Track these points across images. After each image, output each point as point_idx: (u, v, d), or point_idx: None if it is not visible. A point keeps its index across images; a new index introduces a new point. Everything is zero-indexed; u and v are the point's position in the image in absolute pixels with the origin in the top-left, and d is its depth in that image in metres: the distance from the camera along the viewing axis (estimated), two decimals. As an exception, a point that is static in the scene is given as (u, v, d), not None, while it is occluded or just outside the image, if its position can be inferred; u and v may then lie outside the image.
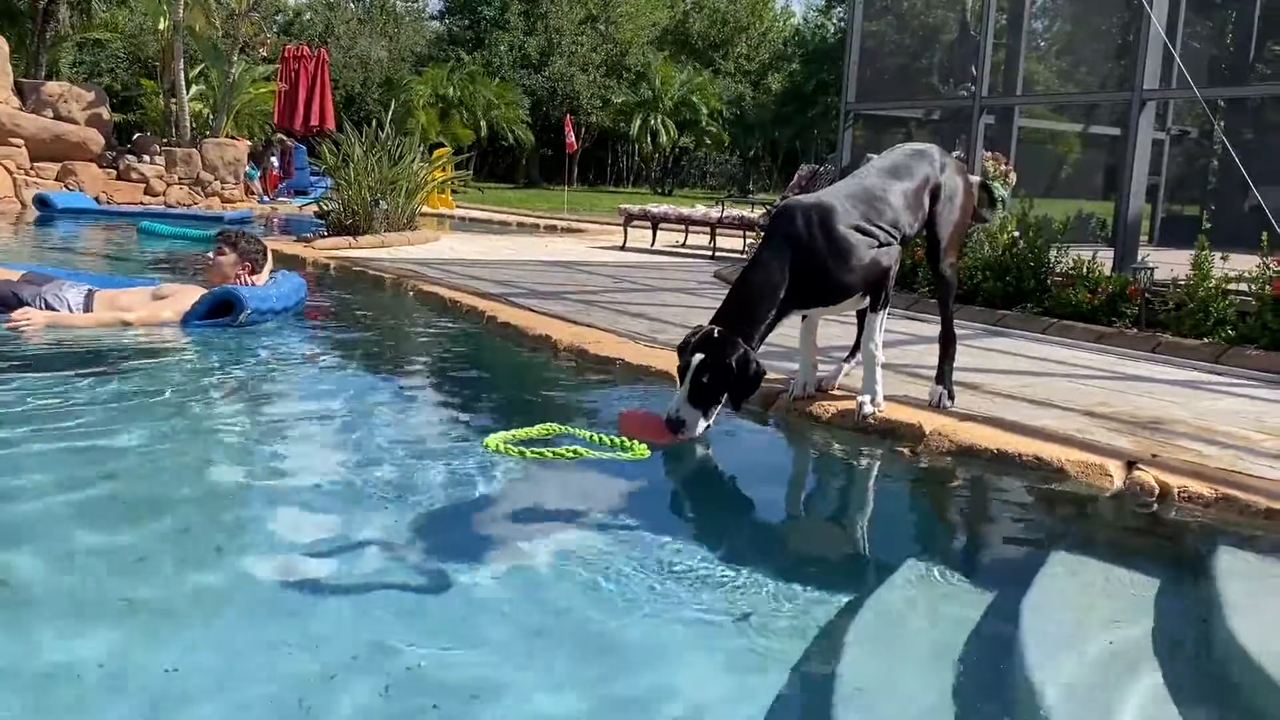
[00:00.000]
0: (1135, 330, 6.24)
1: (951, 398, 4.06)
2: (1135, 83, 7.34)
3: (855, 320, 4.31)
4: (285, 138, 22.81)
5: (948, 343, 4.19)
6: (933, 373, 4.20)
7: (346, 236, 10.93)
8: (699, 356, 3.46)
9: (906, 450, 3.67)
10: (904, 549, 3.01)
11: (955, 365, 4.19)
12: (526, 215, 20.48)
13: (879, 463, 3.71)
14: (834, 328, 4.38)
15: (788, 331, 3.93)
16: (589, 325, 5.85)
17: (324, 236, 11.08)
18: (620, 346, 5.19)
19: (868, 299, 3.85)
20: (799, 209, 3.74)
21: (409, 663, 2.09)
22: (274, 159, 22.38)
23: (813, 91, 42.63)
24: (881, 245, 3.75)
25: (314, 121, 21.95)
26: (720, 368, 3.43)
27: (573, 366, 5.09)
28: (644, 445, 3.58)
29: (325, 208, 11.74)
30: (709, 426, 3.51)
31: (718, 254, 12.34)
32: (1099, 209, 10.80)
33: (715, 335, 3.50)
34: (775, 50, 50.47)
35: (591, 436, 3.67)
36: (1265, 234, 5.77)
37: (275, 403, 4.36)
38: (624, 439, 3.62)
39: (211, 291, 5.66)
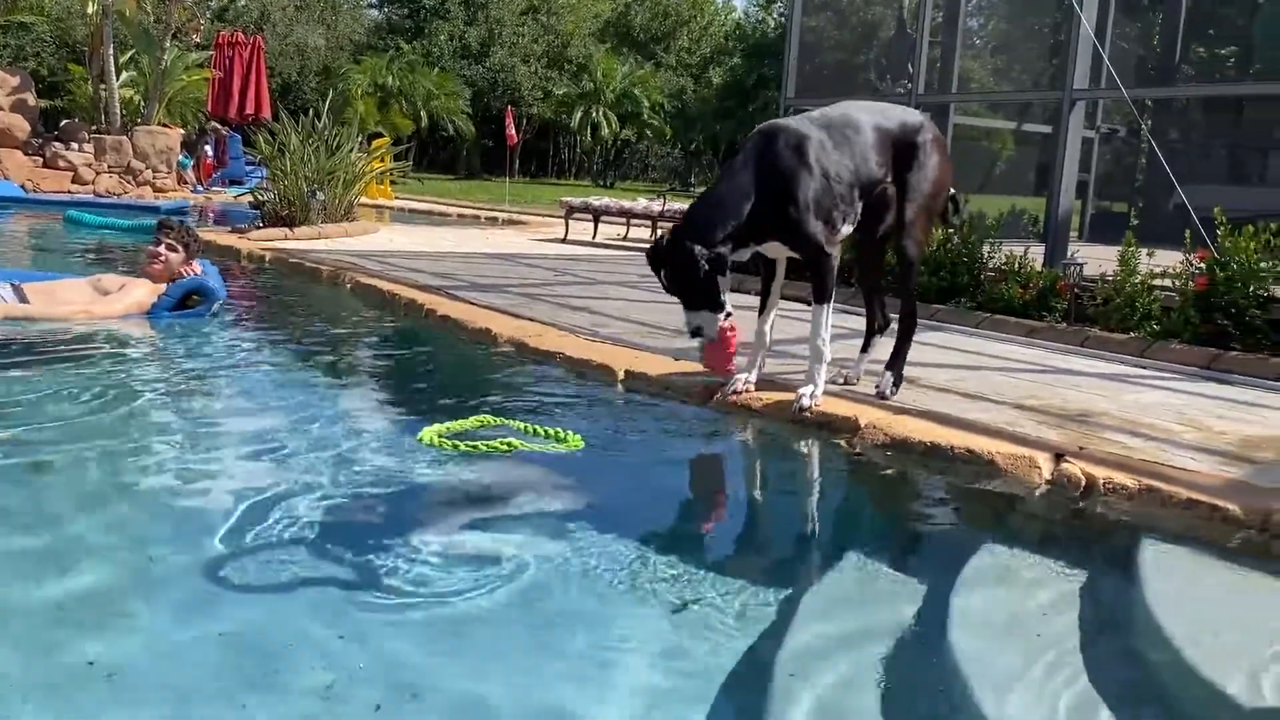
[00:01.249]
0: (1065, 325, 6.39)
1: (897, 385, 4.11)
2: (1066, 82, 7.51)
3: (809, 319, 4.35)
4: (220, 126, 22.37)
5: (908, 326, 4.27)
6: (871, 365, 4.25)
7: (282, 228, 10.75)
8: (665, 270, 3.73)
9: (842, 442, 3.72)
10: (838, 539, 3.05)
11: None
12: (467, 207, 20.33)
13: (815, 455, 3.76)
14: (783, 322, 4.42)
15: (741, 326, 3.99)
16: (530, 319, 5.83)
17: (259, 227, 10.89)
18: (561, 340, 5.19)
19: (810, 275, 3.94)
20: (781, 130, 3.91)
21: (345, 658, 2.08)
22: (208, 148, 21.92)
23: (753, 86, 42.79)
24: (828, 224, 3.86)
25: (249, 110, 21.58)
26: (674, 270, 3.69)
27: (513, 360, 5.07)
28: (578, 437, 3.59)
29: (261, 198, 11.54)
30: (729, 314, 3.79)
31: (659, 247, 12.36)
32: (1031, 205, 11.01)
33: (665, 242, 3.75)
34: (716, 44, 50.67)
35: (525, 428, 3.68)
36: (1188, 231, 5.94)
37: (209, 398, 4.29)
38: (558, 430, 3.64)
39: (179, 283, 5.68)
